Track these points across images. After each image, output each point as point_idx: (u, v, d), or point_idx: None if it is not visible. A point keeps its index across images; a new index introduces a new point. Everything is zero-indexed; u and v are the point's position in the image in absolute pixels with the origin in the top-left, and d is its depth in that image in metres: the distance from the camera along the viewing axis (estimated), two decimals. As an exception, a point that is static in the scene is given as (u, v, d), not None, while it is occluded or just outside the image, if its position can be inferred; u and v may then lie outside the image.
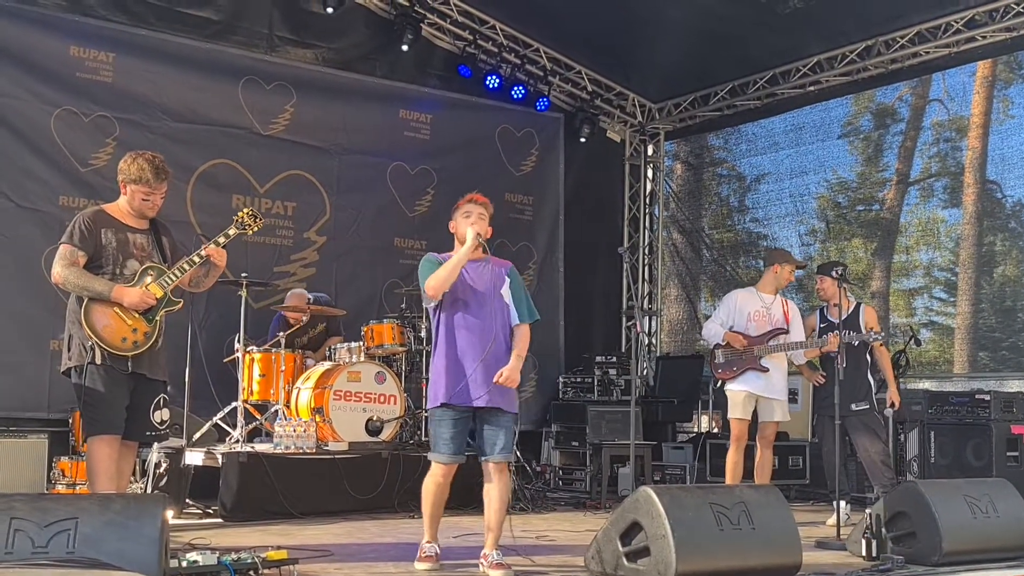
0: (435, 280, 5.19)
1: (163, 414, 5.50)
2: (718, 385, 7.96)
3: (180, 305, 5.54)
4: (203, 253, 5.54)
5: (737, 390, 7.70)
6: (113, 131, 9.24)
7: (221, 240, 5.64)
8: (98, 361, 5.29)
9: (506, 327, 5.36)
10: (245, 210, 5.89)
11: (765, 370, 7.62)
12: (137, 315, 5.37)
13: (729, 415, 7.80)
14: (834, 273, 7.35)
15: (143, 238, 5.59)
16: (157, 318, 5.42)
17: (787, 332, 7.72)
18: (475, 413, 5.26)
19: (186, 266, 5.52)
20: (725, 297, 8.20)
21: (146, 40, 9.49)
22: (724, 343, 7.74)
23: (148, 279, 5.44)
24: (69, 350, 5.40)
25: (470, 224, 5.32)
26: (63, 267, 5.37)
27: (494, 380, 5.16)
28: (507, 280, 5.42)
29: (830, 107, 11.38)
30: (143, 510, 3.98)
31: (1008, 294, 9.94)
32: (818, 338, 7.83)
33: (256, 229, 5.89)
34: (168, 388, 5.67)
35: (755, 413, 7.75)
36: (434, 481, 5.30)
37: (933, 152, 10.66)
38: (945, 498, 5.58)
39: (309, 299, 9.34)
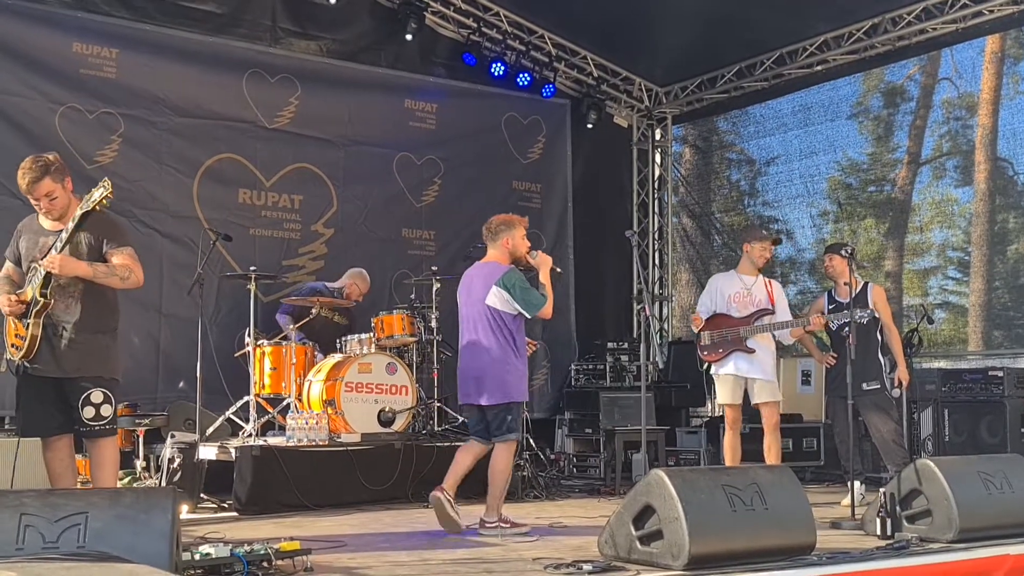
0: (551, 307, 6.31)
1: (95, 410, 5.41)
2: (704, 367, 7.89)
3: (43, 303, 5.30)
4: (40, 273, 5.31)
5: (724, 374, 7.67)
6: (118, 127, 9.24)
7: (65, 236, 5.32)
8: (2, 367, 5.47)
9: None
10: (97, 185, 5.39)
11: (751, 351, 7.57)
12: (16, 320, 5.39)
13: (718, 401, 7.77)
14: (843, 252, 7.30)
15: (52, 239, 5.45)
16: (29, 321, 5.33)
17: (772, 312, 7.67)
18: None
19: (42, 271, 5.33)
20: (707, 283, 8.16)
21: (149, 35, 9.47)
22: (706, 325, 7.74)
23: (33, 282, 5.39)
24: None
25: (529, 247, 6.46)
26: None
27: None
28: None
29: (839, 86, 11.30)
30: (153, 504, 3.97)
31: (1022, 271, 9.87)
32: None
33: (103, 200, 5.28)
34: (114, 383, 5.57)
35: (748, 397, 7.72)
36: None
37: (944, 131, 10.59)
38: (959, 475, 5.53)
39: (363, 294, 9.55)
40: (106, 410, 5.46)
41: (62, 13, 9.09)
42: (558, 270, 6.63)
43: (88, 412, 5.41)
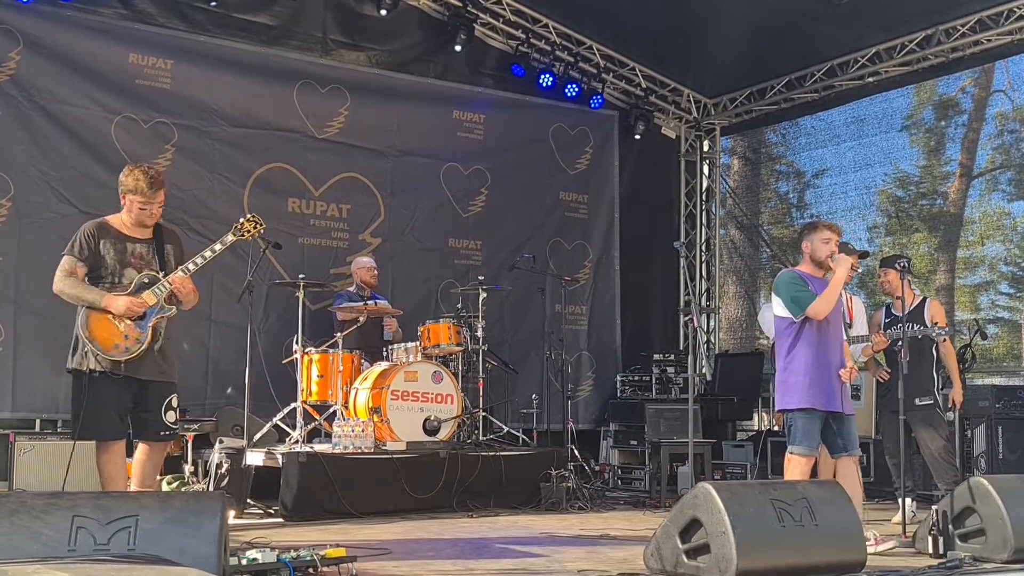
0: (823, 305, 5.92)
1: (175, 414, 5.67)
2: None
3: (173, 312, 5.63)
4: (167, 284, 5.59)
5: None
6: (172, 137, 9.38)
7: (208, 255, 5.68)
8: (92, 366, 5.48)
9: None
10: (247, 216, 6.06)
11: None
12: (129, 322, 5.51)
13: None
14: (898, 265, 7.20)
15: (143, 247, 5.69)
16: (150, 324, 5.53)
17: (850, 326, 7.56)
18: (830, 416, 5.99)
19: (167, 283, 5.60)
20: None
21: (203, 46, 9.62)
22: None
23: (144, 287, 5.57)
24: (74, 352, 5.58)
25: (832, 252, 6.04)
26: (61, 278, 5.59)
27: (843, 380, 6.02)
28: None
29: (891, 98, 11.15)
30: (203, 507, 4.00)
31: (1077, 287, 9.69)
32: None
33: (256, 234, 6.04)
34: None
35: None
36: (800, 472, 5.86)
37: (997, 144, 10.43)
38: (1014, 493, 5.42)
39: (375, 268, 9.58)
40: (177, 414, 5.75)
41: (119, 25, 9.25)
42: (858, 269, 7.10)
43: (170, 416, 5.63)
